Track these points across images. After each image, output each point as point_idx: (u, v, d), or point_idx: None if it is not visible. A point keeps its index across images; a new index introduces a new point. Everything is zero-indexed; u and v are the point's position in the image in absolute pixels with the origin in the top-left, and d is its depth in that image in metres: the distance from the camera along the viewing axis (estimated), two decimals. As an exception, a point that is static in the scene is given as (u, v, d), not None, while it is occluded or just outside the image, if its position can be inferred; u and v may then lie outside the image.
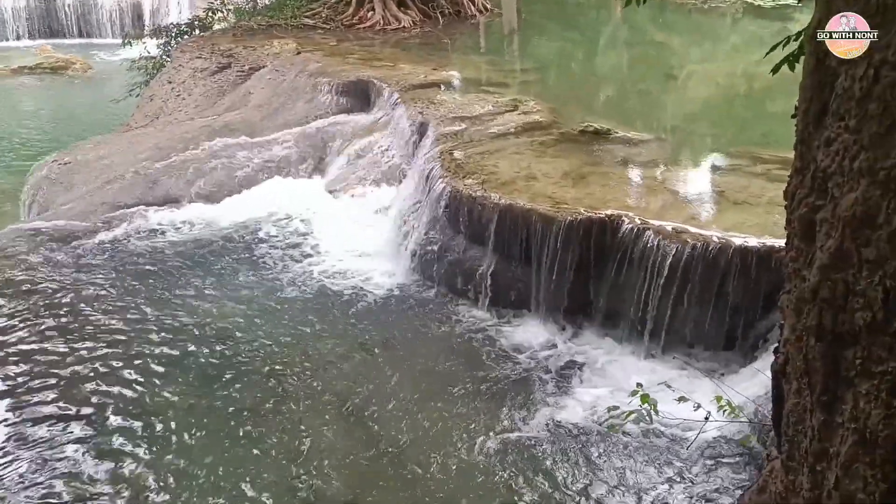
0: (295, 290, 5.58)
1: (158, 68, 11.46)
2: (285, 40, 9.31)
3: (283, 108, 7.84)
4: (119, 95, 12.42)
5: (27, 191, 7.55)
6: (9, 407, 4.23)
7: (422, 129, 6.56)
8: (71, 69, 18.00)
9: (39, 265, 5.83)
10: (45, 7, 21.07)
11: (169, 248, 6.22)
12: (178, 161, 7.15)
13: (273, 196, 6.92)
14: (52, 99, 16.58)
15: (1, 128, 14.47)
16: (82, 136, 12.06)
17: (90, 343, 4.84)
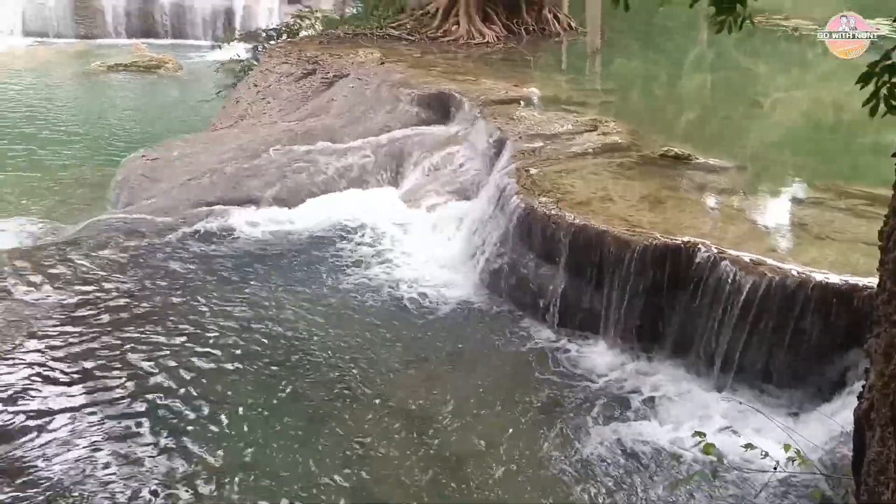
0: (365, 297, 5.64)
1: (246, 71, 11.78)
2: (370, 50, 9.46)
3: (364, 116, 7.96)
4: (207, 96, 12.82)
5: (116, 184, 7.84)
6: (80, 395, 4.38)
7: (499, 145, 6.58)
8: (163, 68, 18.63)
9: (121, 256, 6.04)
10: (142, 8, 21.88)
11: (245, 248, 6.37)
12: (259, 163, 7.33)
13: (349, 203, 7.02)
14: (144, 96, 17.18)
15: (94, 122, 15.07)
16: (170, 133, 12.47)
17: (162, 335, 5.00)
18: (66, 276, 5.62)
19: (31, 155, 12.69)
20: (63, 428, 4.13)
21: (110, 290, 5.50)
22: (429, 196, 7.03)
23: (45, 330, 4.94)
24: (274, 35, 12.80)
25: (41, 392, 4.39)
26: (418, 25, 10.60)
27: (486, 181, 6.44)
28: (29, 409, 4.23)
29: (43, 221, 8.17)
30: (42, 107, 15.97)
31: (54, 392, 4.40)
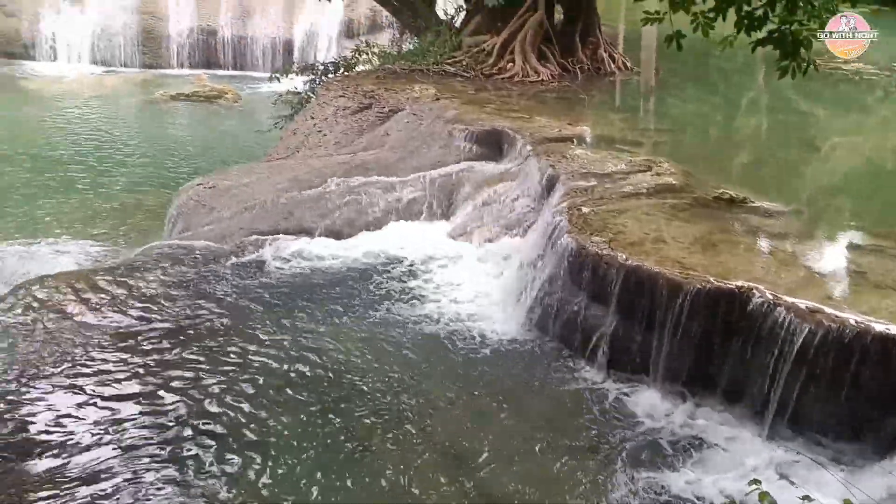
0: (411, 331, 5.66)
1: (303, 104, 12.01)
2: (425, 85, 9.57)
3: (417, 151, 8.05)
4: (264, 127, 13.09)
5: (172, 210, 8.02)
6: (126, 419, 4.45)
7: (551, 183, 6.58)
8: (223, 98, 19.13)
9: (175, 281, 6.17)
10: (205, 39, 22.53)
11: (296, 277, 6.45)
12: (313, 194, 7.44)
13: (400, 236, 7.08)
14: (203, 125, 17.62)
15: (155, 149, 15.50)
16: (227, 162, 12.76)
17: (210, 362, 5.06)
18: (122, 299, 5.75)
19: (95, 179, 13.08)
20: (107, 449, 4.19)
21: (163, 314, 5.61)
22: (479, 231, 7.06)
23: (98, 352, 5.04)
24: (331, 68, 13.04)
25: (88, 413, 4.48)
26: (474, 63, 10.70)
27: (538, 218, 6.44)
28: (76, 430, 4.31)
29: (103, 244, 8.41)
30: (107, 133, 16.48)
31: (102, 414, 4.48)
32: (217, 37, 22.55)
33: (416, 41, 12.59)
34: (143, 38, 22.49)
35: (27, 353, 4.98)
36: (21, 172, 13.60)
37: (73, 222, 10.89)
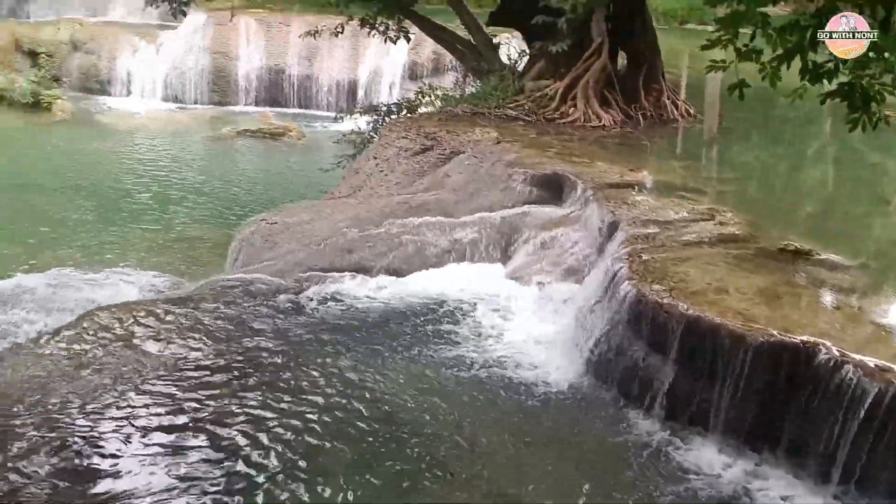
0: (465, 372, 5.63)
1: (366, 143, 12.21)
2: (487, 128, 9.64)
3: (477, 193, 8.09)
4: (327, 165, 13.33)
5: (235, 244, 8.19)
6: (184, 450, 4.50)
7: (612, 229, 6.54)
8: (287, 136, 19.55)
9: (236, 315, 6.26)
10: (272, 78, 23.12)
11: (353, 315, 6.50)
12: (373, 233, 7.52)
13: (458, 277, 7.09)
14: (267, 162, 18.02)
15: (219, 184, 15.89)
16: (290, 199, 12.99)
17: (266, 396, 5.10)
18: (184, 330, 5.86)
19: (161, 211, 13.45)
20: (163, 478, 4.25)
21: (222, 347, 5.69)
22: (536, 275, 7.03)
23: (158, 381, 5.14)
24: (394, 110, 13.24)
25: (147, 441, 4.55)
26: (536, 107, 10.75)
27: (597, 264, 6.40)
28: (133, 457, 4.38)
29: (167, 276, 8.61)
30: (174, 167, 16.97)
31: (159, 443, 4.55)
32: (284, 76, 23.13)
33: (478, 84, 12.72)
34: (214, 76, 23.19)
35: (91, 380, 5.10)
36: (92, 203, 14.06)
37: (138, 253, 11.19)
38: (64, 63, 23.39)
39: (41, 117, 20.27)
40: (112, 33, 23.68)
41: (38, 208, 13.38)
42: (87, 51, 23.49)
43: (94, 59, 23.38)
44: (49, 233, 12.05)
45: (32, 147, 17.96)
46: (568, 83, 10.80)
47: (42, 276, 8.19)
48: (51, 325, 6.34)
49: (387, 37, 13.32)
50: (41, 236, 11.85)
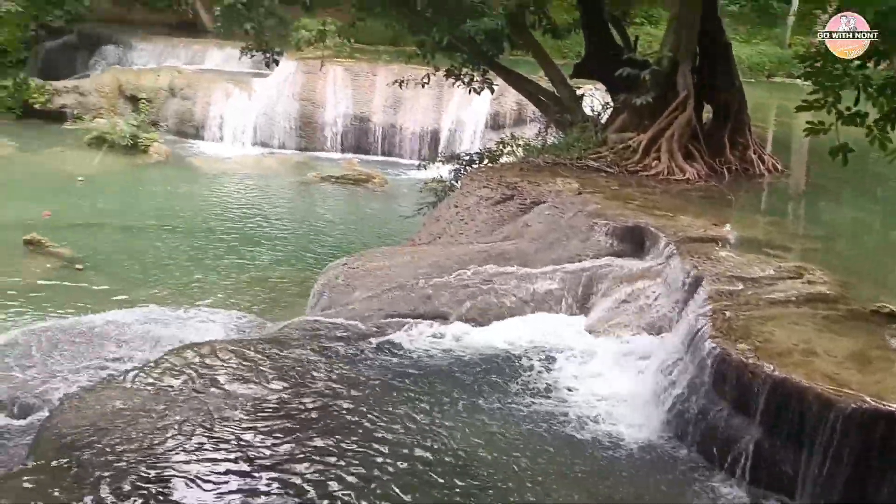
0: (539, 427, 5.56)
1: (447, 191, 12.35)
2: (568, 179, 9.65)
3: (557, 243, 8.07)
4: (408, 212, 13.52)
5: (317, 287, 8.35)
6: (264, 488, 4.56)
7: (695, 284, 6.41)
8: (370, 182, 19.95)
9: (315, 358, 6.36)
10: (357, 126, 23.71)
11: (429, 362, 6.52)
12: (452, 280, 7.56)
13: (535, 327, 7.05)
14: (350, 207, 18.40)
15: (303, 227, 16.29)
16: (371, 244, 13.22)
17: (343, 436, 5.14)
18: (266, 370, 5.98)
19: (248, 252, 13.86)
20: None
21: (302, 388, 5.78)
22: (616, 328, 6.94)
23: (241, 420, 5.24)
24: (476, 159, 13.38)
25: (228, 479, 4.64)
26: (618, 159, 10.71)
27: (679, 320, 6.27)
28: (215, 494, 4.46)
29: (250, 316, 8.83)
30: (260, 210, 17.49)
31: (240, 481, 4.63)
32: (369, 124, 23.68)
33: (560, 135, 12.76)
34: (302, 122, 23.92)
35: (173, 416, 5.24)
36: (182, 242, 14.59)
37: (224, 291, 11.54)
38: (162, 108, 24.52)
39: (139, 159, 21.22)
40: (207, 80, 24.73)
41: (134, 246, 13.96)
42: (184, 97, 24.56)
43: (189, 104, 24.42)
44: (143, 270, 12.55)
45: (130, 188, 18.81)
46: (652, 136, 10.74)
47: (134, 312, 8.52)
48: (139, 360, 6.56)
49: (471, 88, 13.53)
50: (135, 273, 12.35)
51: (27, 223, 14.65)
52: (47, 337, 7.72)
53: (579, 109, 12.66)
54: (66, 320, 8.77)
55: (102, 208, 16.62)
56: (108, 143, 21.68)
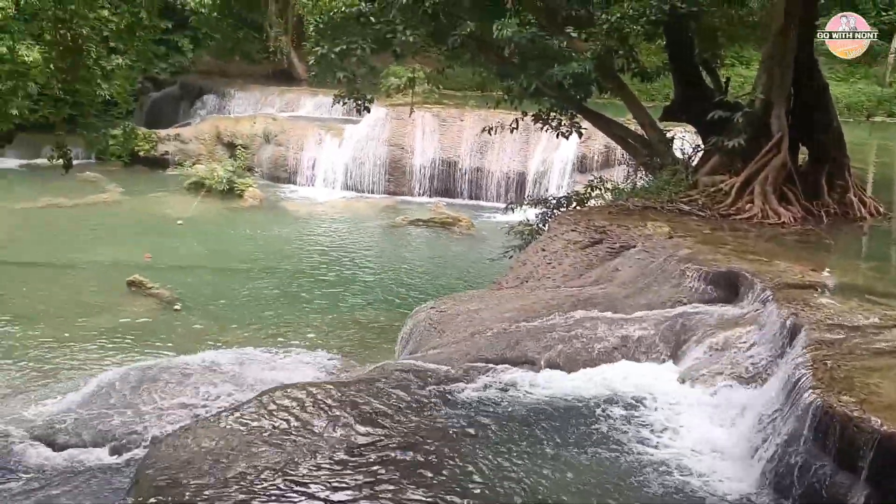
0: (629, 476, 5.42)
1: (534, 235, 12.34)
2: (658, 223, 9.51)
3: (647, 288, 7.93)
4: (495, 255, 13.56)
5: (405, 330, 8.43)
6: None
7: (793, 332, 6.18)
8: (457, 225, 20.12)
9: (402, 401, 6.38)
10: (445, 171, 24.05)
11: (516, 408, 6.45)
12: (539, 325, 7.51)
13: (624, 375, 6.91)
14: (437, 250, 18.56)
15: (390, 270, 16.51)
16: (458, 287, 13.30)
17: (429, 480, 5.11)
18: (354, 413, 6.03)
19: (338, 294, 14.13)
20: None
21: (391, 431, 5.80)
22: (709, 377, 6.73)
23: (331, 461, 5.29)
24: (563, 202, 13.36)
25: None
26: (710, 202, 10.51)
27: (776, 369, 6.05)
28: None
29: (340, 358, 8.97)
30: (349, 253, 17.84)
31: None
32: (456, 168, 23.99)
33: (650, 178, 12.62)
34: (390, 167, 24.43)
35: (265, 456, 5.33)
36: (275, 284, 14.99)
37: (315, 332, 11.76)
38: (257, 154, 25.44)
39: (235, 203, 22.01)
40: (301, 127, 25.57)
41: (228, 287, 14.42)
42: (278, 143, 25.43)
43: (283, 150, 25.26)
44: (236, 311, 12.93)
45: (226, 231, 19.49)
46: (745, 178, 10.52)
47: (228, 352, 8.77)
48: (234, 400, 6.73)
49: (559, 132, 13.56)
50: (229, 314, 12.73)
51: (130, 265, 15.35)
52: (147, 375, 8.01)
53: (669, 152, 12.52)
54: (165, 359, 9.09)
55: (199, 250, 17.26)
56: (205, 188, 22.62)
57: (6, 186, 24.15)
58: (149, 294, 14.11)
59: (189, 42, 31.22)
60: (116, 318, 13.01)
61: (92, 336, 12.35)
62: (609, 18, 11.03)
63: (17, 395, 10.62)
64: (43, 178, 23.81)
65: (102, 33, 15.76)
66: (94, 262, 16.52)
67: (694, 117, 12.13)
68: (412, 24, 12.27)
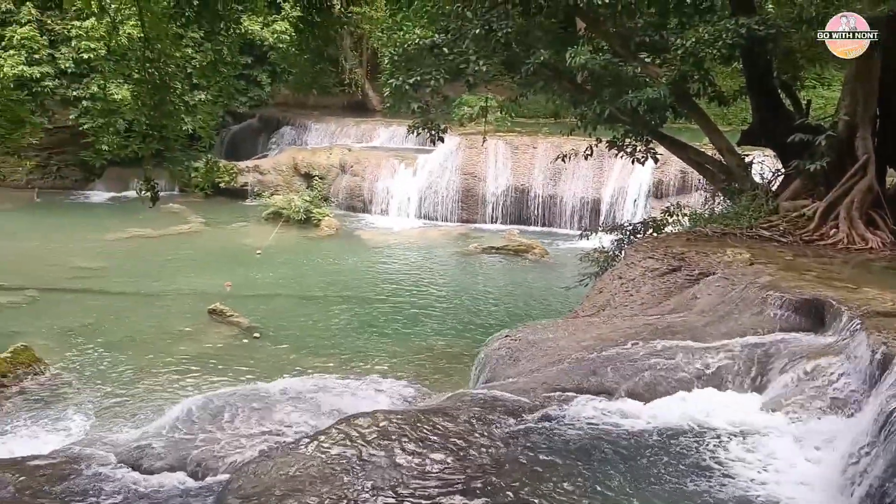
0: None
1: (609, 262, 12.20)
2: (739, 249, 9.30)
3: (727, 316, 7.75)
4: (569, 282, 13.47)
5: (479, 360, 8.41)
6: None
7: (885, 363, 5.94)
8: (530, 253, 20.07)
9: (476, 430, 6.35)
10: (518, 198, 24.06)
11: (594, 440, 6.35)
12: (617, 354, 7.40)
13: (705, 405, 6.73)
14: (510, 278, 18.53)
15: (463, 298, 16.54)
16: (532, 315, 13.24)
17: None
18: (429, 442, 6.04)
19: (412, 322, 14.22)
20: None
21: (465, 462, 5.78)
22: (795, 407, 6.51)
23: (402, 490, 5.29)
24: (640, 229, 13.19)
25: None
26: (792, 227, 10.23)
27: (867, 401, 5.81)
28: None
29: (415, 386, 8.99)
30: (424, 281, 17.95)
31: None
32: (529, 195, 23.98)
33: (728, 204, 12.37)
34: (463, 195, 24.58)
35: (343, 484, 5.38)
36: (348, 312, 15.19)
37: (389, 360, 11.85)
38: (333, 184, 25.92)
39: (311, 232, 22.46)
40: (375, 157, 25.98)
41: (305, 315, 14.68)
42: (353, 173, 25.88)
43: (358, 180, 25.69)
44: (313, 338, 13.15)
45: (303, 260, 19.89)
46: (829, 203, 10.21)
47: (305, 380, 8.90)
48: (312, 427, 6.82)
49: (634, 158, 13.44)
50: (307, 341, 12.95)
51: (212, 293, 15.77)
52: (228, 402, 8.17)
53: (748, 177, 12.26)
54: (244, 386, 9.27)
55: (277, 279, 17.64)
56: (283, 218, 23.15)
57: (96, 218, 25.20)
58: (229, 322, 14.47)
59: (267, 76, 32.19)
60: (198, 345, 13.37)
61: (175, 362, 12.74)
62: (684, 43, 10.90)
63: (105, 419, 11.01)
64: (129, 210, 24.80)
65: (186, 70, 16.40)
66: (177, 290, 17.05)
67: (773, 141, 11.86)
68: (485, 53, 12.37)
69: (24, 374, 12.10)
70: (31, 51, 26.87)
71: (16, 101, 18.34)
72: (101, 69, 25.82)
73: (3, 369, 11.91)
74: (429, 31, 13.15)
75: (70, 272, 18.61)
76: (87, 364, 12.93)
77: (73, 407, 11.33)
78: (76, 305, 16.21)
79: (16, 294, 16.66)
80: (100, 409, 11.30)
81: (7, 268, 18.59)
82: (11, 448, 9.90)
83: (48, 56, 27.16)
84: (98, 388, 12.05)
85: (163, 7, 13.04)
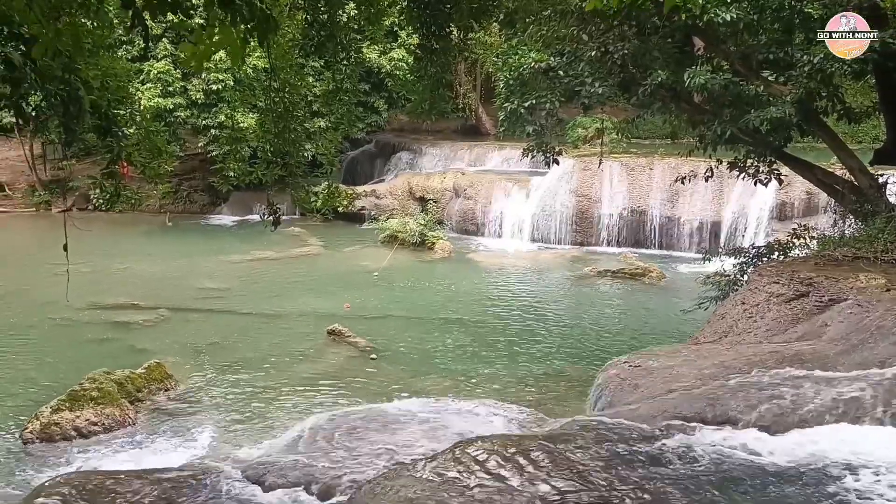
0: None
1: (731, 286, 11.81)
2: (873, 274, 8.82)
3: (862, 345, 7.35)
4: (688, 307, 13.09)
5: (596, 385, 8.29)
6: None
7: None
8: (647, 276, 19.64)
9: (596, 457, 6.24)
10: (634, 220, 23.63)
11: (717, 472, 6.12)
12: (741, 382, 7.14)
13: (839, 440, 6.38)
14: (627, 302, 18.18)
15: (578, 322, 16.36)
16: (650, 340, 12.95)
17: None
18: (545, 468, 5.96)
19: (526, 346, 14.15)
20: None
21: (580, 492, 5.68)
22: (940, 445, 6.09)
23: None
24: (764, 252, 12.72)
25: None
26: (932, 251, 9.63)
27: None
28: None
29: (530, 411, 8.93)
30: (538, 305, 17.86)
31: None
32: (645, 217, 23.52)
33: (860, 226, 11.76)
34: (577, 217, 24.35)
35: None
36: (462, 335, 15.26)
37: (503, 384, 11.83)
38: (447, 207, 26.21)
39: (426, 255, 22.76)
40: (489, 180, 26.13)
41: (420, 337, 14.85)
42: (467, 196, 26.10)
43: (471, 203, 25.88)
44: (428, 360, 13.28)
45: (418, 282, 20.16)
46: (973, 225, 9.56)
47: (422, 401, 8.99)
48: (428, 449, 6.87)
49: (757, 179, 13.00)
50: (422, 363, 13.09)
51: (330, 314, 16.20)
52: (348, 421, 8.36)
53: (882, 198, 11.64)
54: (364, 406, 9.46)
55: (393, 301, 17.94)
56: (399, 241, 23.57)
57: (222, 241, 26.36)
58: (347, 342, 14.81)
59: (384, 102, 33.01)
60: (318, 364, 13.73)
61: (296, 381, 13.12)
62: (811, 59, 10.48)
63: (230, 435, 11.45)
64: (252, 233, 25.83)
65: (307, 98, 17.02)
66: (297, 311, 17.60)
67: (911, 159, 11.24)
68: (600, 75, 12.28)
69: (156, 390, 12.75)
70: (165, 84, 28.50)
71: (154, 131, 19.51)
72: (228, 99, 27.15)
73: (139, 384, 12.60)
74: (543, 55, 13.15)
75: (198, 292, 19.52)
76: (214, 381, 13.49)
77: (200, 422, 11.84)
78: (203, 324, 16.98)
79: (149, 313, 17.60)
80: (225, 424, 11.77)
81: (142, 288, 19.68)
82: (147, 460, 10.43)
83: (181, 88, 28.72)
84: (223, 404, 12.55)
85: (288, 39, 13.61)
